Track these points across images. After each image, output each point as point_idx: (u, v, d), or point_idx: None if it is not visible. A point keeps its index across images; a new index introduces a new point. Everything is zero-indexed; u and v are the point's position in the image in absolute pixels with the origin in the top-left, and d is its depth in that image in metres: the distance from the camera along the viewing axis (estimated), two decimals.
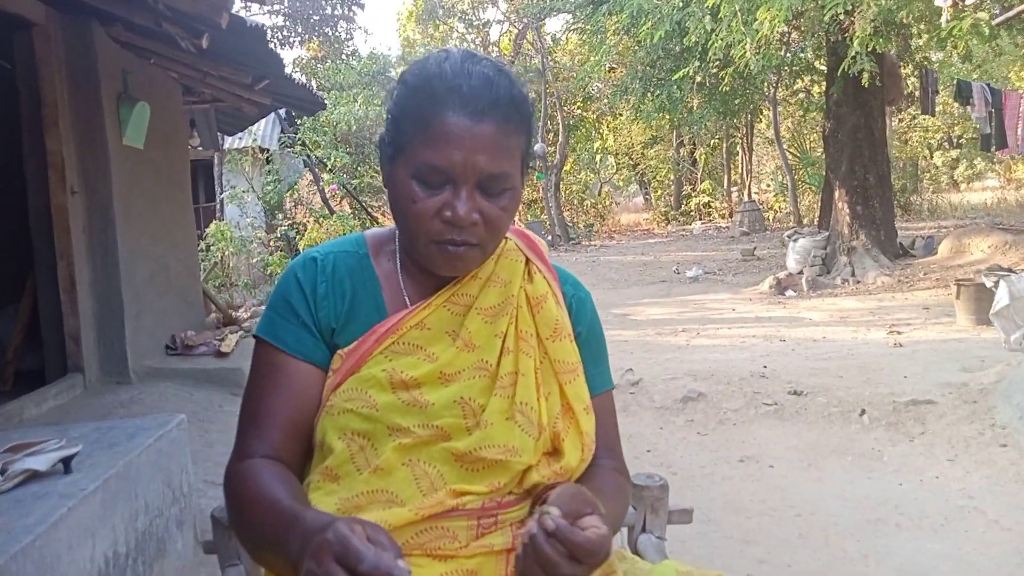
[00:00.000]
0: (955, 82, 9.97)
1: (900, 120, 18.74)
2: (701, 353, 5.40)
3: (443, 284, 1.07)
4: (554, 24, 19.72)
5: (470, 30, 20.04)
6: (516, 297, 1.07)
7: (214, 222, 9.56)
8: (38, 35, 3.85)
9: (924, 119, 17.06)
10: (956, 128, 19.29)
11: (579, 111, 20.41)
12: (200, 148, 6.98)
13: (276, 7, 16.48)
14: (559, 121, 18.13)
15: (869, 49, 6.92)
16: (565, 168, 20.10)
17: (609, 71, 13.99)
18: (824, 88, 10.24)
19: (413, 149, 0.96)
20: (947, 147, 21.14)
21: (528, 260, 1.12)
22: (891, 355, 4.78)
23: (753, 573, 2.30)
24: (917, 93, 14.87)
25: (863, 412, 3.64)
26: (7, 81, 4.06)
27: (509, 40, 19.78)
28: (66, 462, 1.99)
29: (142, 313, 4.42)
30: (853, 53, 7.00)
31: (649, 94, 10.66)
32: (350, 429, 0.98)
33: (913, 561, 2.34)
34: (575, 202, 22.07)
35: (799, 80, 13.85)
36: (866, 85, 7.56)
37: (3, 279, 4.17)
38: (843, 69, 7.47)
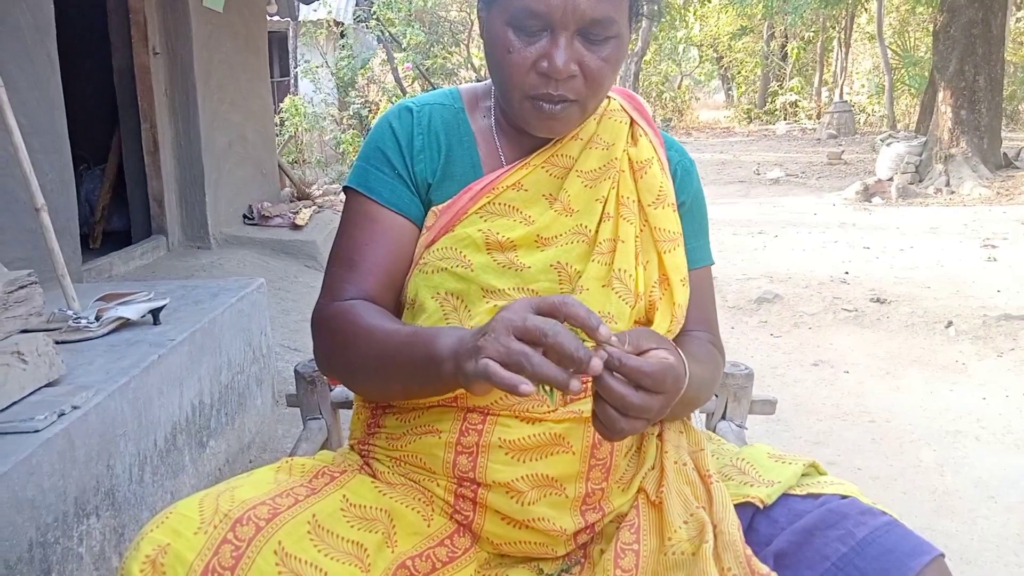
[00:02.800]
0: None
1: (1019, 20, 17.07)
2: (779, 255, 5.23)
3: (541, 144, 1.02)
4: None
5: None
6: (619, 161, 1.02)
7: (288, 96, 9.55)
8: None
9: None
10: None
11: None
12: (277, 16, 6.87)
13: None
14: (643, 4, 17.18)
15: None
16: (645, 58, 19.19)
17: None
18: None
19: None
20: None
21: (633, 122, 1.06)
22: (984, 268, 4.53)
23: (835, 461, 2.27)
24: None
25: (950, 324, 3.48)
26: None
27: None
28: (155, 314, 2.07)
29: (221, 180, 4.50)
30: None
31: None
32: (444, 288, 0.96)
33: (992, 474, 2.27)
34: (654, 95, 21.22)
35: None
36: None
37: (90, 138, 4.26)
38: None
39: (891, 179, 8.51)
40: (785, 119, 19.31)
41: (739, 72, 23.80)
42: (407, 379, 0.87)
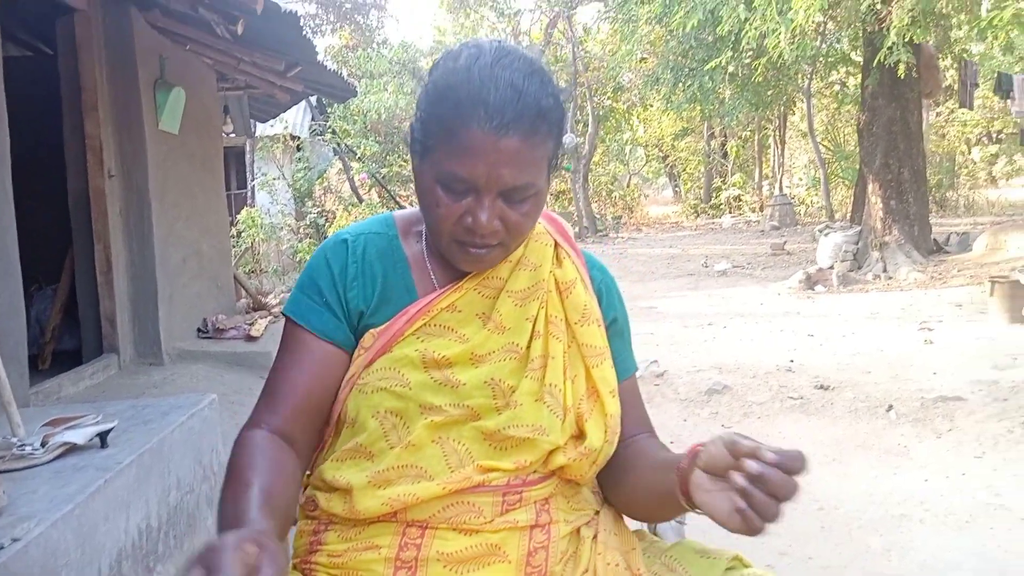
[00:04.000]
0: (996, 75, 9.75)
1: (938, 114, 18.37)
2: (727, 346, 5.38)
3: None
4: (585, 13, 19.54)
5: (501, 19, 19.99)
6: (546, 281, 1.08)
7: (245, 208, 9.69)
8: (80, 20, 3.94)
9: (963, 113, 16.70)
10: (996, 123, 18.85)
11: (609, 101, 20.30)
12: (233, 134, 7.07)
13: None
14: (589, 112, 18.05)
15: (906, 40, 6.80)
16: (594, 159, 20.02)
17: (640, 61, 13.88)
18: (860, 80, 10.07)
19: (438, 155, 0.96)
20: (986, 142, 20.66)
21: (557, 244, 1.13)
22: (921, 351, 4.72)
23: (773, 564, 2.30)
24: (956, 86, 14.58)
25: (890, 408, 3.61)
26: (49, 66, 4.15)
27: (540, 29, 19.69)
28: (102, 436, 2.06)
29: (175, 296, 4.52)
30: (890, 44, 6.88)
31: (680, 84, 10.57)
32: (383, 407, 1.00)
33: (937, 557, 2.32)
34: (603, 194, 22.00)
35: (834, 71, 13.62)
36: (902, 77, 7.43)
37: (42, 260, 4.27)
38: (879, 60, 7.35)
39: (831, 267, 8.88)
40: (730, 212, 20.13)
41: (684, 169, 24.90)
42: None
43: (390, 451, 0.99)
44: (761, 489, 0.77)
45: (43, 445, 1.95)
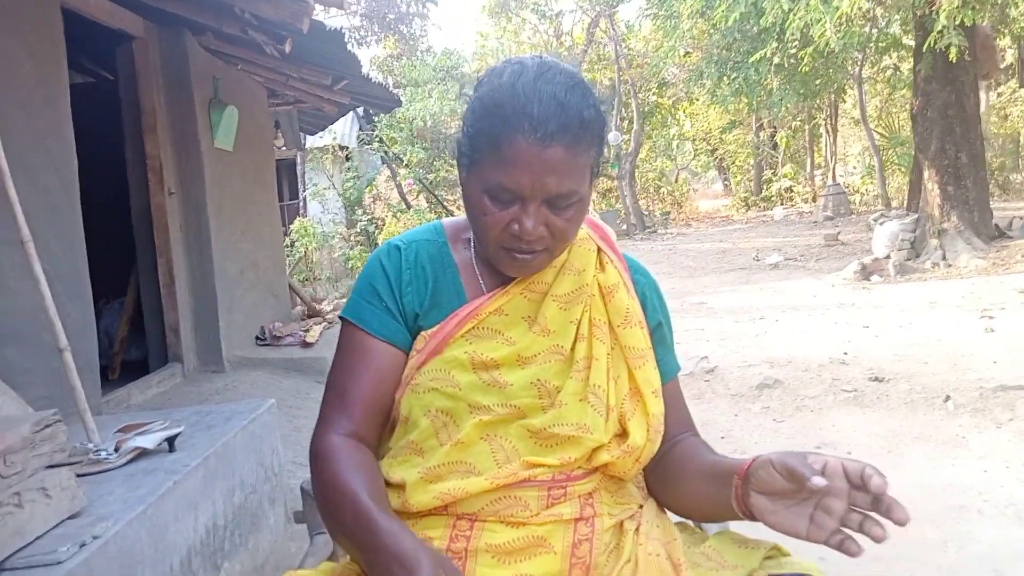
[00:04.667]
0: None
1: (999, 94, 17.68)
2: (779, 340, 5.31)
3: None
4: (627, 11, 19.51)
5: (542, 21, 20.03)
6: (589, 286, 1.12)
7: (298, 219, 9.95)
8: (138, 47, 4.14)
9: None
10: None
11: (654, 97, 20.14)
12: (284, 148, 7.28)
13: (353, 8, 16.90)
14: (633, 108, 17.95)
15: (957, 23, 6.59)
16: (640, 156, 19.88)
17: (684, 56, 13.75)
18: (912, 64, 9.79)
19: (485, 166, 1.01)
20: None
21: (600, 249, 1.17)
22: (981, 340, 4.58)
23: (825, 556, 2.29)
24: (1016, 65, 14.02)
25: (948, 398, 3.52)
26: (111, 92, 4.36)
27: (582, 29, 19.67)
28: (170, 441, 2.18)
29: (234, 306, 4.69)
30: (940, 28, 6.68)
31: (725, 78, 10.44)
32: (434, 407, 1.06)
33: (996, 548, 2.27)
34: (651, 190, 21.82)
35: (886, 57, 13.27)
36: (954, 60, 7.20)
37: (109, 275, 4.49)
38: (930, 44, 7.15)
39: (888, 257, 8.65)
40: (782, 204, 19.74)
41: (733, 162, 24.51)
42: (358, 549, 0.95)
43: (440, 448, 1.05)
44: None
45: (116, 450, 2.08)
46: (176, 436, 2.20)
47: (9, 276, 2.54)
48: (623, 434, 1.07)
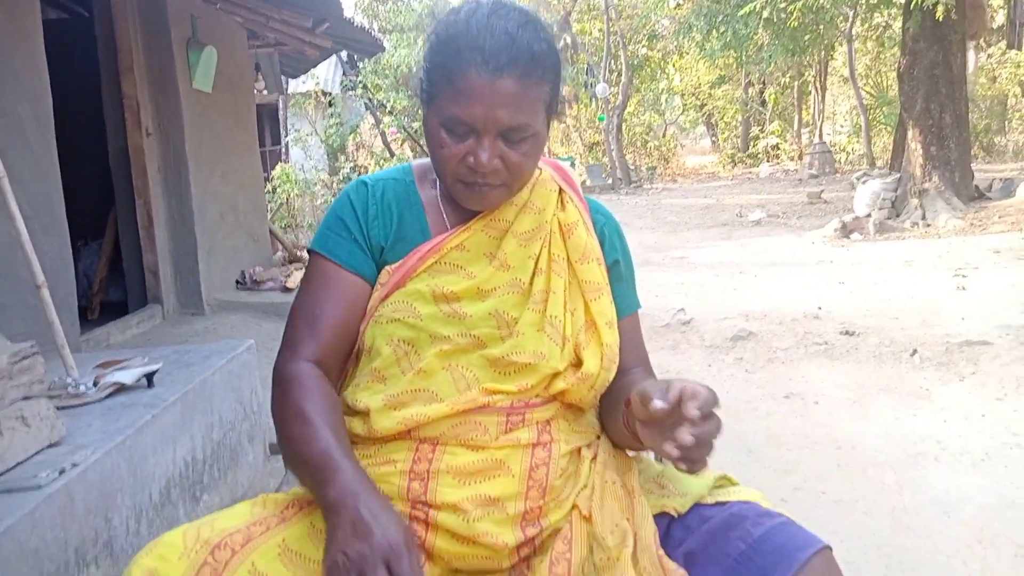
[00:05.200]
0: None
1: (989, 56, 17.63)
2: (756, 295, 5.39)
3: (481, 210, 1.17)
4: None
5: None
6: (549, 223, 1.16)
7: (280, 164, 9.84)
8: None
9: (1017, 54, 16.00)
10: None
11: (644, 50, 19.90)
12: (265, 91, 7.17)
13: None
14: (622, 61, 17.74)
15: None
16: (628, 109, 19.73)
17: (675, 7, 13.57)
18: (902, 22, 9.73)
19: (441, 100, 1.04)
20: None
21: (561, 190, 1.21)
22: (953, 298, 4.69)
23: (787, 499, 2.38)
24: (1006, 26, 13.96)
25: (915, 352, 3.62)
26: (87, 29, 4.27)
27: None
28: (149, 378, 2.20)
29: (214, 249, 4.68)
30: None
31: (714, 31, 10.34)
32: (396, 336, 1.09)
33: (949, 492, 2.37)
34: (638, 144, 21.71)
35: (876, 14, 13.16)
36: (941, 19, 7.17)
37: (87, 217, 4.46)
38: (917, 2, 7.10)
39: (869, 215, 8.73)
40: (768, 161, 19.74)
41: (721, 118, 24.39)
42: (312, 484, 0.99)
43: (403, 376, 1.09)
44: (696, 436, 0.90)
45: (95, 384, 2.11)
46: (155, 372, 2.22)
47: None
48: (578, 363, 1.11)
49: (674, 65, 21.82)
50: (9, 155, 2.52)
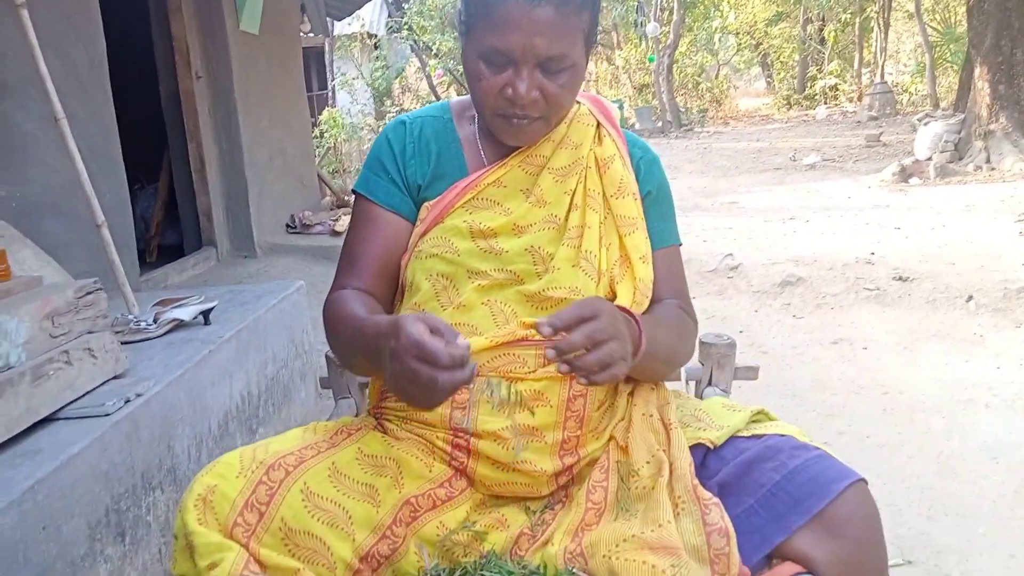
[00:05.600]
0: None
1: None
2: (807, 240, 5.27)
3: (518, 146, 1.17)
4: None
5: None
6: (586, 158, 1.17)
7: (327, 109, 9.87)
8: None
9: None
10: None
11: None
12: (311, 33, 7.15)
13: None
14: None
15: None
16: (680, 50, 19.10)
17: None
18: None
19: (479, 31, 1.05)
20: None
21: (599, 124, 1.21)
22: (1013, 243, 4.51)
23: (830, 442, 2.38)
24: None
25: (970, 298, 3.52)
26: None
27: None
28: (205, 315, 2.29)
29: (264, 193, 4.76)
30: None
31: None
32: (435, 271, 1.12)
33: (998, 438, 2.34)
34: (690, 86, 21.07)
35: None
36: None
37: (143, 159, 4.57)
38: None
39: (929, 159, 8.39)
40: (825, 103, 19.01)
41: (778, 58, 23.46)
42: (365, 356, 1.02)
43: (442, 311, 1.12)
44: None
45: (155, 321, 2.20)
46: (211, 310, 2.31)
47: (45, 153, 2.61)
48: (612, 297, 1.12)
49: (728, 2, 20.96)
50: (66, 97, 2.58)
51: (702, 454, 1.09)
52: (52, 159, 2.62)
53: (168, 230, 4.80)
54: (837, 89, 19.85)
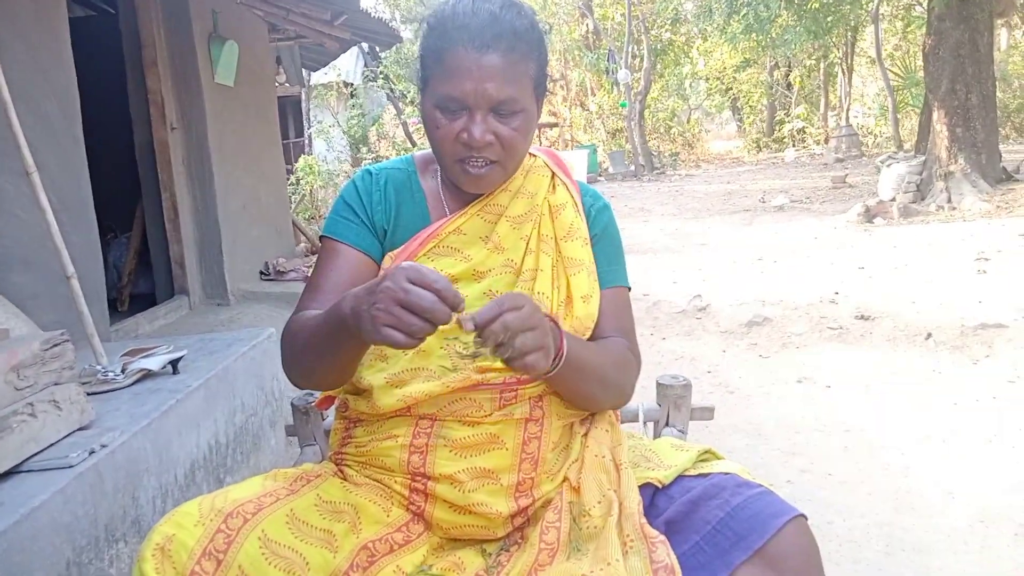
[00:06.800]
0: None
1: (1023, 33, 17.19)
2: (774, 281, 5.38)
3: (478, 196, 1.23)
4: None
5: None
6: (540, 206, 1.23)
7: (303, 156, 9.95)
8: None
9: None
10: None
11: (667, 34, 19.69)
12: (287, 84, 7.27)
13: None
14: (645, 46, 17.60)
15: None
16: (652, 95, 19.56)
17: None
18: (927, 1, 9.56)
19: (434, 82, 1.12)
20: None
21: (553, 174, 1.28)
22: (972, 281, 4.64)
23: (793, 480, 2.42)
24: None
25: (929, 336, 3.62)
26: (111, 25, 4.38)
27: None
28: (174, 364, 2.31)
29: (238, 241, 4.79)
30: None
31: (735, 15, 10.24)
32: None
33: (953, 474, 2.40)
34: (662, 130, 21.53)
35: None
36: None
37: (116, 209, 4.59)
38: None
39: (893, 199, 8.62)
40: (793, 146, 19.49)
41: (747, 102, 24.08)
42: (333, 346, 1.04)
43: (403, 355, 1.16)
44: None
45: (123, 371, 2.21)
46: (180, 359, 2.32)
47: (16, 205, 2.64)
48: None
49: (698, 49, 21.56)
50: (38, 150, 2.62)
51: (651, 493, 1.13)
52: (23, 211, 2.64)
53: (140, 279, 4.80)
54: (804, 132, 20.38)
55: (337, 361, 1.08)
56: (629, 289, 1.33)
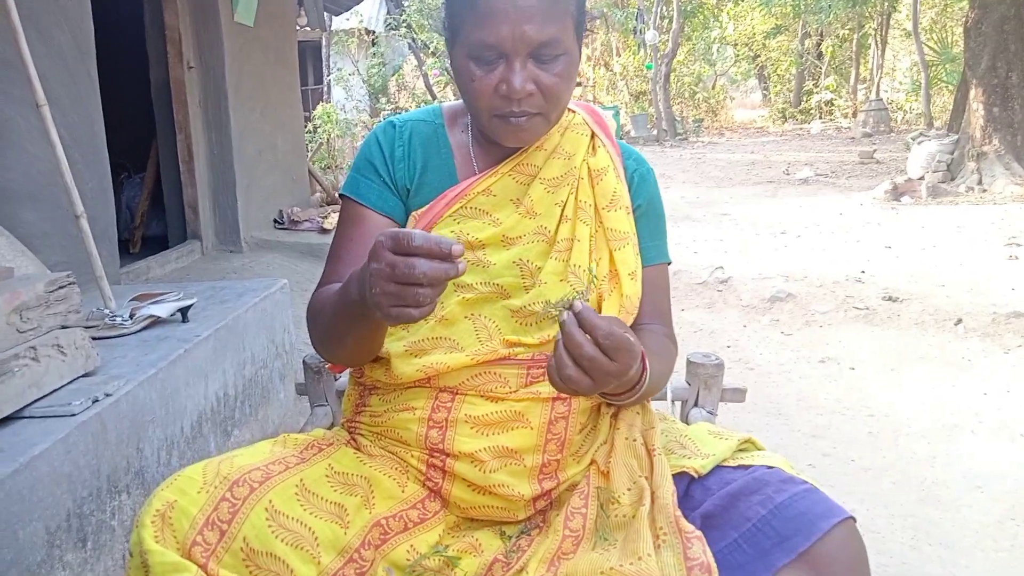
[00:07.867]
0: None
1: None
2: (797, 256, 5.26)
3: (511, 154, 1.13)
4: None
5: None
6: (578, 169, 1.13)
7: (321, 104, 9.79)
8: None
9: None
10: None
11: None
12: (307, 27, 7.09)
13: None
14: (674, 7, 17.14)
15: None
16: (678, 59, 19.12)
17: None
18: None
19: (465, 30, 1.00)
20: None
21: (593, 134, 1.17)
22: (1003, 267, 4.51)
23: (815, 464, 2.35)
24: None
25: (959, 321, 3.51)
26: None
27: None
28: (183, 312, 2.24)
29: (252, 187, 4.70)
30: None
31: None
32: None
33: (982, 466, 2.32)
34: (686, 95, 21.11)
35: None
36: None
37: (131, 148, 4.50)
38: None
39: (922, 178, 8.42)
40: (820, 118, 19.08)
41: (774, 71, 23.54)
42: (354, 329, 0.96)
43: (425, 324, 1.07)
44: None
45: (131, 317, 2.14)
46: (189, 307, 2.25)
47: (26, 139, 2.55)
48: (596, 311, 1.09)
49: (728, 13, 21.00)
50: (50, 82, 2.52)
51: (686, 483, 1.05)
52: (32, 146, 2.56)
53: (154, 221, 4.73)
54: (832, 104, 19.94)
55: (362, 340, 1.01)
56: (669, 263, 1.24)
